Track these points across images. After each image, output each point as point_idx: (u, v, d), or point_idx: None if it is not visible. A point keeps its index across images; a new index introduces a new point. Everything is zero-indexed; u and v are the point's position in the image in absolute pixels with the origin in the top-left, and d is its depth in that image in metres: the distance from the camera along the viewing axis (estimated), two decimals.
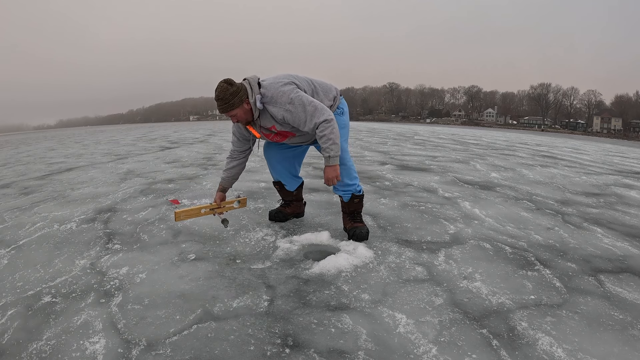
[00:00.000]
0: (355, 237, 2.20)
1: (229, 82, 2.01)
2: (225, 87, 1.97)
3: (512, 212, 2.94)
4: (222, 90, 1.97)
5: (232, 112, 2.01)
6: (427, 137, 11.73)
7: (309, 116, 1.97)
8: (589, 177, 4.82)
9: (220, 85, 1.98)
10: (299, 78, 2.12)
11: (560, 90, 73.52)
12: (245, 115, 2.04)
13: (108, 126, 51.26)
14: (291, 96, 1.98)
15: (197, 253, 2.03)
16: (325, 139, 1.98)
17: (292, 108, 1.97)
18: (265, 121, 2.09)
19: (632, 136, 57.85)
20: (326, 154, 2.00)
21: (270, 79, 2.09)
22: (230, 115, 2.03)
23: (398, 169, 4.84)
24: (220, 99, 1.97)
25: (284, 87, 2.01)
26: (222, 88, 1.97)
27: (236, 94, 1.97)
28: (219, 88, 1.98)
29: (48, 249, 2.11)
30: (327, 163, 2.01)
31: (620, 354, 1.27)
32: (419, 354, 1.25)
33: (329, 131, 1.97)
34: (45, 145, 10.93)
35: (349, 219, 2.32)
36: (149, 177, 4.30)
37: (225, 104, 1.97)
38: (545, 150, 8.86)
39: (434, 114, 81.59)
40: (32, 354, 1.24)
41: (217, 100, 1.99)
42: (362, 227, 2.24)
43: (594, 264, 1.99)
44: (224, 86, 1.97)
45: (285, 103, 1.98)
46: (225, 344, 1.29)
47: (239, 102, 1.99)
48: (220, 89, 1.97)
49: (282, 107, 1.99)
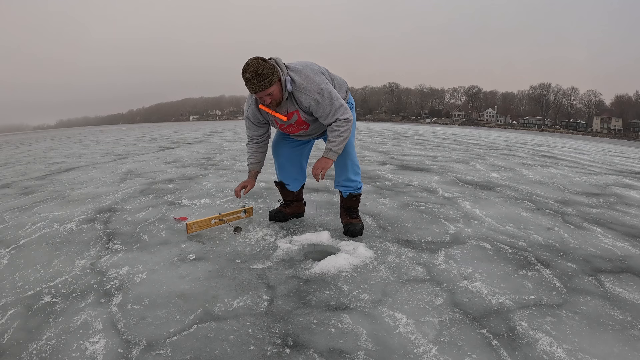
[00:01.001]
0: (349, 233, 2.27)
1: (262, 58, 1.88)
2: (261, 62, 1.84)
3: (512, 212, 2.93)
4: (259, 66, 1.83)
5: (270, 90, 1.89)
6: (427, 137, 11.73)
7: (334, 110, 1.98)
8: (589, 177, 4.82)
9: (254, 62, 1.85)
10: (322, 69, 2.10)
11: (560, 90, 73.59)
12: (280, 93, 1.94)
13: (108, 126, 51.27)
14: (322, 87, 1.95)
15: (197, 253, 2.03)
16: (338, 134, 2.01)
17: (320, 99, 1.96)
18: (286, 106, 2.02)
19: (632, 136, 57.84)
20: (330, 146, 2.03)
21: (297, 64, 2.02)
22: (265, 95, 1.90)
23: (398, 169, 4.84)
24: (258, 74, 1.83)
25: (316, 75, 1.98)
26: (257, 64, 1.84)
27: (273, 69, 1.87)
28: (253, 64, 1.84)
29: (48, 249, 2.11)
30: (326, 155, 2.04)
31: (620, 354, 1.27)
32: (419, 354, 1.25)
33: (344, 129, 2.01)
34: (45, 145, 10.93)
35: (345, 214, 2.39)
36: (149, 177, 4.30)
37: (264, 80, 1.85)
38: (545, 150, 8.86)
39: (434, 114, 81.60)
40: (32, 354, 1.24)
41: (254, 77, 1.84)
42: (356, 224, 2.31)
43: (594, 264, 1.99)
44: (258, 62, 1.85)
45: (314, 92, 1.95)
46: (225, 344, 1.29)
47: (277, 78, 1.89)
48: (257, 65, 1.83)
49: (310, 95, 1.96)
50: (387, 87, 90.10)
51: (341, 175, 2.31)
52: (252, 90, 1.90)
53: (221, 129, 17.02)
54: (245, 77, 1.87)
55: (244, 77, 1.88)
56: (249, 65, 1.85)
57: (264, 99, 1.94)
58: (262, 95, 1.92)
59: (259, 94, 1.91)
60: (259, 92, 1.90)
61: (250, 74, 1.85)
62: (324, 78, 2.01)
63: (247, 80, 1.88)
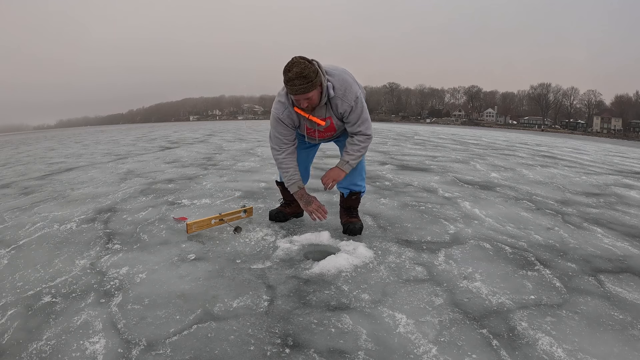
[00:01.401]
0: (349, 232, 2.29)
1: (306, 59, 1.81)
2: (306, 63, 1.78)
3: (512, 212, 2.93)
4: (304, 67, 1.76)
5: (310, 94, 1.83)
6: (427, 137, 11.73)
7: (361, 122, 2.03)
8: (589, 177, 4.82)
9: (299, 62, 1.78)
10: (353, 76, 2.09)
11: (560, 90, 73.57)
12: (318, 98, 1.89)
13: (108, 126, 51.27)
14: (357, 94, 1.99)
15: (197, 253, 2.03)
16: (356, 149, 2.06)
17: (356, 108, 1.99)
18: (322, 111, 1.99)
19: (632, 136, 57.83)
20: (347, 158, 2.08)
21: (332, 68, 2.00)
22: (304, 98, 1.85)
23: (398, 169, 4.84)
24: (303, 76, 1.76)
25: (353, 83, 2.00)
26: (303, 64, 1.77)
27: (317, 73, 1.81)
28: (298, 64, 1.77)
29: (48, 249, 2.11)
30: (341, 166, 2.09)
31: (620, 354, 1.27)
32: (419, 354, 1.25)
33: (364, 146, 2.07)
34: (45, 145, 10.93)
35: (345, 214, 2.40)
36: (149, 177, 4.30)
37: (308, 83, 1.79)
38: (545, 150, 8.86)
39: (434, 114, 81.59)
40: (32, 354, 1.24)
41: (298, 77, 1.77)
42: (356, 222, 2.32)
43: (594, 264, 1.99)
44: (304, 63, 1.78)
45: (351, 99, 1.97)
46: (225, 344, 1.29)
47: (319, 83, 1.84)
48: (302, 66, 1.76)
49: (347, 102, 1.97)
50: (387, 87, 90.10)
51: (347, 179, 2.29)
52: (293, 92, 1.83)
53: (221, 129, 17.02)
54: (288, 75, 1.80)
55: (286, 75, 1.81)
56: (293, 65, 1.78)
57: (301, 102, 1.88)
58: (301, 99, 1.86)
59: (299, 97, 1.85)
60: (299, 94, 1.83)
61: (294, 74, 1.78)
62: (357, 87, 2.02)
63: (289, 80, 1.80)
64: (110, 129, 26.13)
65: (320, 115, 2.01)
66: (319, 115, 2.01)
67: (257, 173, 4.45)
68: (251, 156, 6.20)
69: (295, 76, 1.78)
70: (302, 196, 2.17)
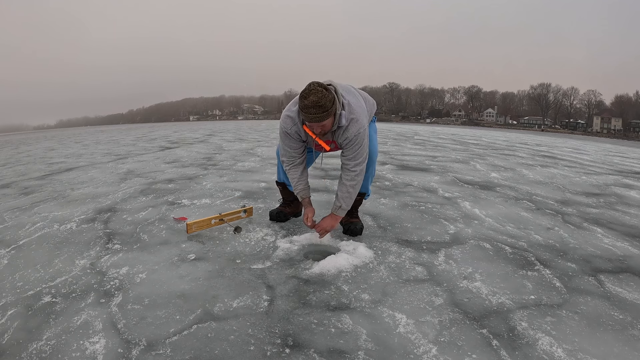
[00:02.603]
0: (349, 232, 2.29)
1: (324, 86, 1.79)
2: (324, 92, 1.77)
3: (512, 212, 2.94)
4: (322, 97, 1.76)
5: (325, 122, 1.83)
6: (427, 137, 11.73)
7: (359, 158, 2.00)
8: (589, 177, 4.82)
9: (317, 90, 1.77)
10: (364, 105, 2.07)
11: (560, 90, 73.56)
12: (331, 125, 1.89)
13: (108, 126, 51.26)
14: (360, 131, 1.95)
15: (197, 253, 2.03)
16: (346, 190, 2.04)
17: (353, 140, 1.95)
18: (327, 135, 1.99)
19: (632, 136, 57.83)
20: (340, 203, 2.06)
21: (347, 93, 1.98)
22: (320, 125, 1.85)
23: (398, 169, 4.84)
24: (319, 105, 1.76)
25: (362, 116, 1.96)
26: (320, 94, 1.76)
27: (333, 101, 1.81)
28: (316, 93, 1.76)
29: (48, 249, 2.11)
30: (335, 212, 2.08)
31: (620, 354, 1.27)
32: (419, 354, 1.25)
33: (352, 184, 2.03)
34: (45, 145, 10.93)
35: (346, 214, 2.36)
36: (149, 177, 4.30)
37: (324, 112, 1.78)
38: (545, 150, 8.86)
39: (434, 114, 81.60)
40: (32, 354, 1.24)
41: (314, 106, 1.76)
42: (357, 223, 2.33)
43: (594, 264, 1.99)
44: (322, 92, 1.76)
45: (352, 133, 1.94)
46: (225, 344, 1.29)
47: (334, 112, 1.83)
48: (319, 95, 1.75)
49: (350, 134, 1.95)
50: (387, 87, 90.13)
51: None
52: (308, 119, 1.83)
53: (221, 129, 17.02)
54: (304, 103, 1.79)
55: (302, 102, 1.80)
56: (310, 93, 1.77)
57: (314, 128, 1.88)
58: (314, 126, 1.86)
59: (313, 124, 1.85)
60: (314, 122, 1.83)
61: (310, 102, 1.77)
62: (365, 122, 2.00)
63: (305, 107, 1.79)
64: (110, 129, 26.14)
65: (326, 139, 2.02)
66: (325, 139, 2.01)
67: (257, 173, 4.45)
68: (251, 156, 6.20)
69: (311, 104, 1.77)
70: (305, 207, 2.19)
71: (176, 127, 22.21)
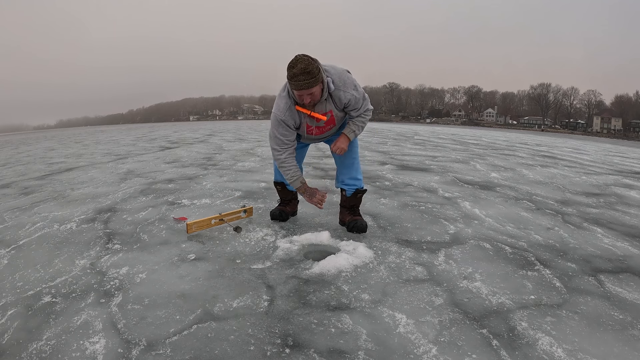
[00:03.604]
0: (355, 229, 2.32)
1: (309, 56, 1.91)
2: (310, 60, 1.88)
3: (512, 212, 2.94)
4: (308, 64, 1.86)
5: (313, 89, 1.92)
6: (427, 137, 11.73)
7: (365, 102, 2.16)
8: (589, 177, 4.82)
9: (304, 59, 1.88)
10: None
11: (560, 90, 73.50)
12: (320, 93, 1.99)
13: (108, 126, 51.26)
14: (355, 83, 2.10)
15: (197, 253, 2.03)
16: (360, 121, 2.20)
17: (356, 93, 2.10)
18: (322, 106, 2.08)
19: (632, 136, 57.82)
20: (354, 128, 2.21)
21: (329, 66, 2.10)
22: (307, 94, 1.94)
23: (398, 169, 4.84)
24: (307, 72, 1.86)
25: (348, 74, 2.10)
26: (307, 61, 1.87)
27: (319, 69, 1.91)
28: (302, 61, 1.86)
29: (48, 249, 2.11)
30: (348, 134, 2.21)
31: (620, 354, 1.27)
32: (419, 354, 1.25)
33: (368, 119, 2.23)
34: (45, 145, 10.93)
35: (348, 213, 2.44)
36: (149, 177, 4.30)
37: (312, 78, 1.88)
38: (545, 150, 8.86)
39: (434, 114, 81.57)
40: (32, 354, 1.24)
41: (302, 74, 1.86)
42: (361, 220, 2.37)
43: (594, 264, 1.99)
44: (308, 59, 1.88)
45: (351, 88, 2.08)
46: (225, 344, 1.29)
47: (321, 79, 1.94)
48: (306, 62, 1.86)
49: (348, 92, 2.07)
50: (387, 87, 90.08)
51: (347, 173, 2.37)
52: (297, 87, 1.90)
53: (221, 129, 17.02)
54: (293, 72, 1.87)
55: (290, 72, 1.88)
56: (297, 61, 1.86)
57: (304, 97, 1.96)
58: (304, 94, 1.94)
59: (302, 92, 1.92)
60: (303, 89, 1.91)
61: (298, 70, 1.86)
62: (349, 74, 2.12)
63: (293, 76, 1.87)
64: (110, 129, 26.14)
65: (320, 111, 2.10)
66: (320, 111, 2.09)
67: (257, 173, 4.45)
68: (251, 156, 6.20)
69: (299, 72, 1.86)
70: (306, 190, 2.25)
71: (176, 127, 22.21)
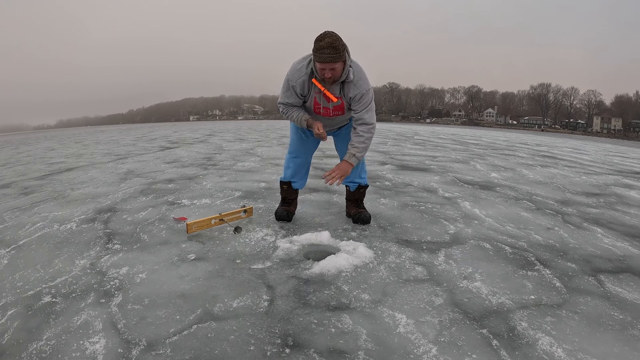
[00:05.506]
0: (360, 221, 2.47)
1: (337, 34, 1.97)
2: (337, 37, 1.95)
3: (512, 212, 2.94)
4: (336, 39, 1.93)
5: (336, 65, 1.98)
6: (427, 137, 11.73)
7: (370, 111, 2.18)
8: (589, 177, 4.82)
9: (332, 34, 1.95)
10: None
11: (560, 90, 73.46)
12: (340, 72, 2.04)
13: (108, 126, 51.25)
14: (369, 88, 2.17)
15: (197, 253, 2.03)
16: (363, 140, 2.18)
17: (366, 96, 2.14)
18: (336, 90, 2.13)
19: (632, 136, 57.82)
20: (354, 151, 2.19)
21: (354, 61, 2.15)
22: (330, 68, 1.98)
23: (398, 169, 4.84)
24: (333, 46, 1.92)
25: (366, 75, 2.16)
26: (335, 37, 1.94)
27: (345, 47, 1.98)
28: (331, 36, 1.93)
29: (48, 249, 2.11)
30: (348, 159, 2.20)
31: (620, 354, 1.27)
32: (419, 354, 1.25)
33: (368, 137, 2.20)
34: (45, 145, 10.93)
35: (353, 205, 2.57)
36: (149, 177, 4.30)
37: (337, 53, 1.93)
38: (545, 150, 8.86)
39: (434, 114, 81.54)
40: (32, 354, 1.24)
41: (329, 46, 1.92)
42: (366, 212, 2.50)
43: (594, 264, 1.99)
44: (336, 36, 1.95)
45: (364, 87, 2.13)
46: (225, 344, 1.29)
47: (344, 58, 1.99)
48: (334, 37, 1.93)
49: (359, 89, 2.12)
50: (387, 87, 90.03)
51: (353, 172, 2.41)
52: (321, 59, 1.95)
53: (221, 129, 17.02)
54: (320, 44, 1.93)
55: (317, 44, 1.94)
56: (325, 35, 1.94)
57: (325, 71, 2.00)
58: (327, 67, 1.98)
59: (325, 65, 1.97)
60: (327, 62, 1.95)
61: (325, 43, 1.92)
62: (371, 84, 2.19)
63: (320, 48, 1.93)
64: (110, 129, 26.14)
65: (334, 93, 2.14)
66: (333, 92, 2.13)
67: (257, 173, 4.45)
68: (251, 156, 6.20)
69: (326, 45, 1.92)
70: (312, 123, 2.23)
71: (176, 127, 22.20)
